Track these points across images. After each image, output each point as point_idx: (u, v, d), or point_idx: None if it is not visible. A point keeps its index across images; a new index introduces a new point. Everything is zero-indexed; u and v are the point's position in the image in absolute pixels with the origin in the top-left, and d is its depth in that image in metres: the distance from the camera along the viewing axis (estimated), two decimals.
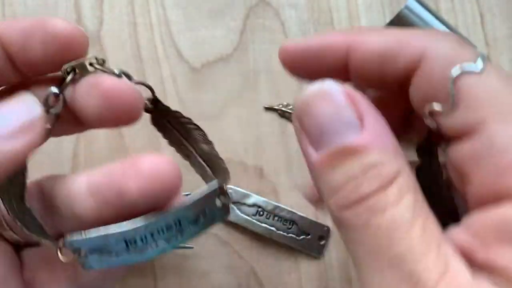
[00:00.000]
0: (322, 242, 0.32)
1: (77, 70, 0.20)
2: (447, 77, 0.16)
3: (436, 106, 0.17)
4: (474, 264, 0.15)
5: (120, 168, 0.19)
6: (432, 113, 0.17)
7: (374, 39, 0.18)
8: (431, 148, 0.19)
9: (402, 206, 0.15)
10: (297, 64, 0.20)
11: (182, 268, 0.32)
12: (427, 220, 0.15)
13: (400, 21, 0.31)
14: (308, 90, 0.17)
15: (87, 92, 0.19)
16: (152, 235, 0.18)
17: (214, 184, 0.20)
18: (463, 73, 0.16)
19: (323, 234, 0.32)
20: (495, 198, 0.15)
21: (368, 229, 0.15)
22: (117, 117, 0.19)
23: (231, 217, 0.32)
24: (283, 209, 0.32)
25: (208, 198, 0.20)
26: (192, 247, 0.31)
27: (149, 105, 0.21)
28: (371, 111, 0.16)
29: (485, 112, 0.16)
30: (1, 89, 0.21)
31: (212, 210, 0.20)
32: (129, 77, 0.20)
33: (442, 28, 0.31)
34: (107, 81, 0.19)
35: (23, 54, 0.20)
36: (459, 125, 0.16)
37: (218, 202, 0.20)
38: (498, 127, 0.15)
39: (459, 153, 0.16)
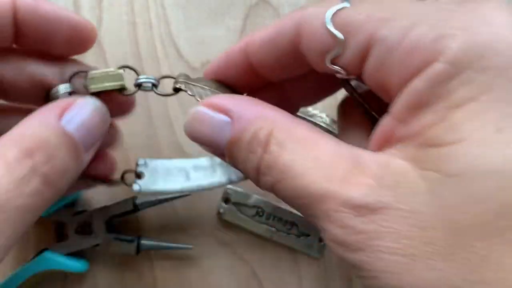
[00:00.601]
0: (322, 243, 0.32)
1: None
2: (325, 24, 0.18)
3: (332, 53, 0.19)
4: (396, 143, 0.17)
5: None
6: (334, 61, 0.19)
7: (259, 33, 0.21)
8: (347, 81, 0.22)
9: (289, 149, 0.18)
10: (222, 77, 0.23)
11: (182, 268, 0.32)
12: (319, 140, 0.18)
13: None
14: (185, 124, 0.21)
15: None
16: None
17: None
18: (337, 11, 0.18)
19: None
20: (412, 75, 0.16)
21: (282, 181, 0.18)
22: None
23: (231, 218, 0.32)
24: (283, 210, 0.32)
25: None
26: (191, 248, 0.31)
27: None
28: (231, 102, 0.20)
29: (371, 26, 0.17)
30: None
31: None
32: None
33: None
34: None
35: (41, 40, 0.22)
36: (359, 49, 0.18)
37: None
38: (388, 27, 0.17)
39: (371, 66, 0.18)
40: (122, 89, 0.23)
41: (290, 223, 0.32)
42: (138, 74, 0.24)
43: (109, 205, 0.29)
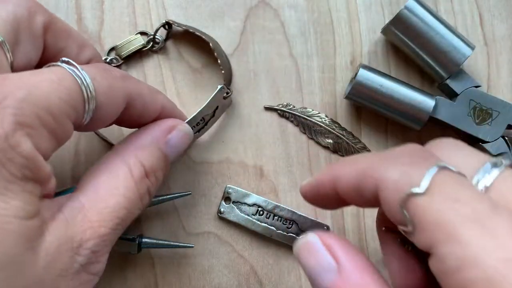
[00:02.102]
0: None
1: None
2: (398, 205, 0.18)
3: (404, 227, 0.18)
4: None
5: None
6: (406, 233, 0.18)
7: (345, 172, 0.21)
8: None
9: None
10: (309, 198, 0.24)
11: (183, 267, 0.32)
12: None
13: (399, 21, 0.31)
14: (296, 244, 0.21)
15: None
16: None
17: (219, 86, 0.31)
18: (410, 196, 0.17)
19: None
20: None
21: None
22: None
23: (231, 217, 0.32)
24: (283, 209, 0.32)
25: (217, 96, 0.31)
26: (192, 246, 0.31)
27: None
28: (343, 252, 0.19)
29: (433, 235, 0.17)
30: None
31: (222, 104, 0.32)
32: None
33: (442, 28, 0.31)
34: None
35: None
36: (422, 245, 0.17)
37: (223, 96, 0.32)
38: (444, 249, 0.16)
39: (431, 266, 0.17)
40: (143, 47, 0.33)
41: (290, 222, 0.32)
42: (148, 35, 0.33)
43: None
